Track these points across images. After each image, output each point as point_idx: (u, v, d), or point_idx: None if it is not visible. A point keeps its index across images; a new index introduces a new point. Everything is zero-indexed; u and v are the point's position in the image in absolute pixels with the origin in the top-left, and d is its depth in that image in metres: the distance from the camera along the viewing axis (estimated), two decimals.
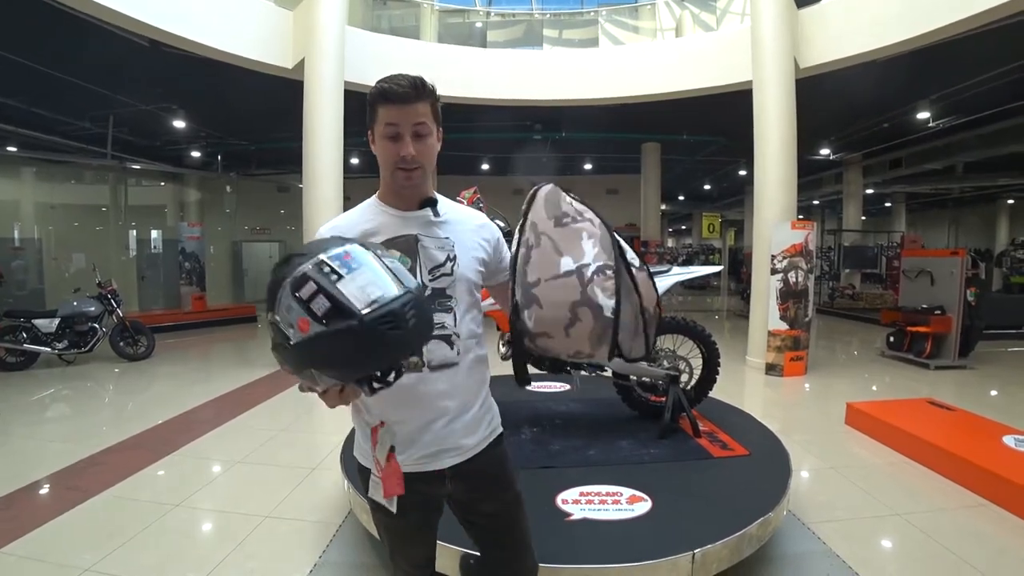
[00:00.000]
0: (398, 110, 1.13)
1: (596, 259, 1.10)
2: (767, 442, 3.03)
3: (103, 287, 6.73)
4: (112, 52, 6.50)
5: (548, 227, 1.15)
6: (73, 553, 2.42)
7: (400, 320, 0.88)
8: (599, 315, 1.08)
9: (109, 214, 11.87)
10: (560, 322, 1.10)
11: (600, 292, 1.09)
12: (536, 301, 1.12)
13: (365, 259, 0.92)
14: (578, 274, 1.10)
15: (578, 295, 1.10)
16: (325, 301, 0.85)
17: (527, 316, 1.13)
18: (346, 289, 0.86)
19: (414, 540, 1.33)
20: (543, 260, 1.13)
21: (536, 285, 1.13)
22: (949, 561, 2.39)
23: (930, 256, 7.16)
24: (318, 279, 0.87)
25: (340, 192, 6.62)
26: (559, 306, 1.11)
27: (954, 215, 22.11)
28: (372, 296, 0.87)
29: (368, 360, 0.91)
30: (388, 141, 1.15)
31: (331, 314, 0.85)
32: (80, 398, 5.32)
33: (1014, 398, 5.35)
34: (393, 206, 1.23)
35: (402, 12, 9.37)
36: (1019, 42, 6.18)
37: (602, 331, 1.09)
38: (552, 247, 1.14)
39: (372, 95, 1.15)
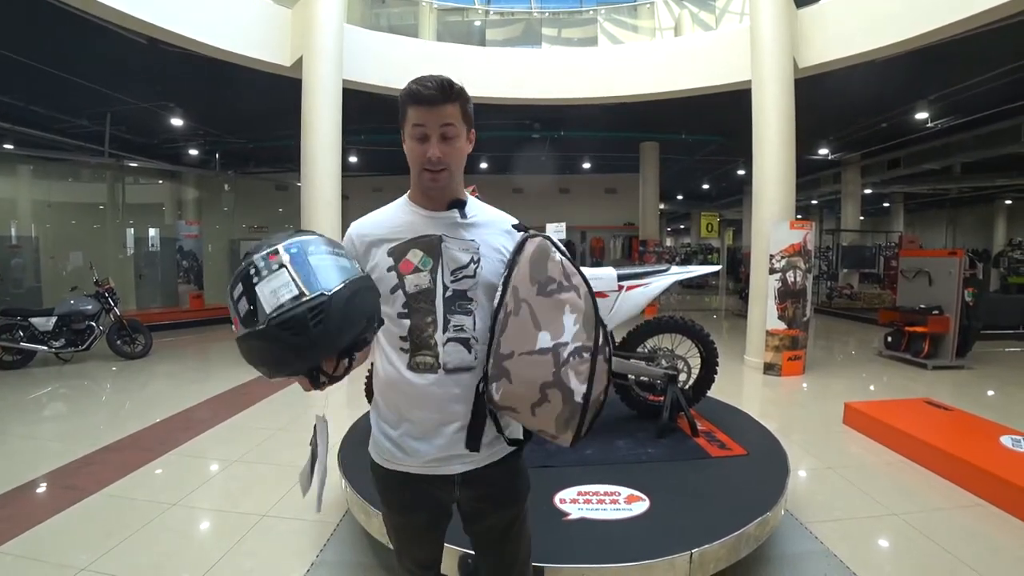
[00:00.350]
0: (426, 111, 1.13)
1: (575, 339, 1.04)
2: (765, 442, 3.03)
3: (100, 285, 6.71)
4: (110, 50, 6.48)
5: (530, 294, 1.08)
6: (69, 552, 2.41)
7: (301, 326, 0.87)
8: (569, 399, 1.02)
9: (106, 212, 11.82)
10: (528, 400, 1.05)
11: (574, 376, 1.03)
12: (506, 375, 1.06)
13: (295, 258, 0.92)
14: (554, 353, 1.04)
15: (550, 376, 1.03)
16: (246, 304, 0.89)
17: (494, 388, 1.08)
18: (261, 293, 0.89)
19: (421, 541, 1.33)
20: (520, 332, 1.07)
21: (509, 358, 1.06)
22: (945, 561, 2.40)
23: (928, 256, 7.18)
24: (244, 281, 0.90)
25: (338, 190, 6.61)
26: (529, 384, 1.04)
27: (952, 215, 22.15)
28: (281, 300, 0.88)
29: (279, 363, 0.92)
30: (416, 142, 1.16)
31: (247, 317, 0.89)
32: (77, 397, 5.30)
33: (1011, 398, 5.36)
34: (421, 206, 1.23)
35: (401, 10, 9.35)
36: (1016, 43, 6.19)
37: (570, 415, 1.03)
38: (531, 318, 1.06)
39: (402, 95, 1.16)
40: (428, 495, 1.23)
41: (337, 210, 6.59)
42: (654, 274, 3.25)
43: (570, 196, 15.83)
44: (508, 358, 1.06)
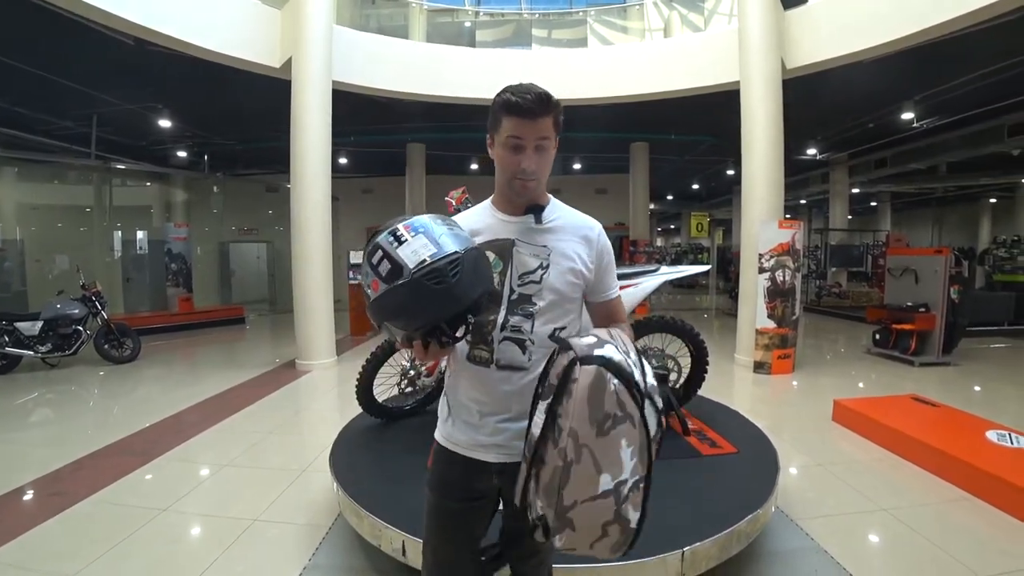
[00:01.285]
0: (524, 124, 1.16)
1: (633, 473, 0.99)
2: (755, 439, 3.06)
3: (87, 289, 6.64)
4: (96, 50, 6.40)
5: (590, 437, 0.98)
6: (57, 560, 2.39)
7: (443, 276, 1.02)
8: (625, 528, 1.01)
9: (93, 215, 11.68)
10: (589, 540, 1.03)
11: (631, 508, 1.00)
12: (570, 525, 1.02)
13: (425, 228, 1.07)
14: (615, 493, 0.99)
15: (612, 515, 1.00)
16: (387, 264, 1.03)
17: (557, 540, 1.04)
18: (403, 252, 1.03)
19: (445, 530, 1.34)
20: (582, 479, 0.99)
21: (572, 508, 1.00)
22: (933, 554, 2.43)
23: (915, 255, 7.26)
24: (384, 246, 1.05)
25: (328, 192, 6.58)
26: (592, 528, 1.01)
27: (938, 214, 22.43)
28: (422, 256, 1.02)
29: (421, 310, 1.04)
30: (509, 152, 1.20)
31: (391, 274, 1.03)
32: (64, 402, 5.24)
33: (996, 394, 5.44)
34: (501, 210, 1.30)
35: (391, 11, 9.32)
36: (999, 44, 6.28)
37: (623, 541, 1.03)
38: (592, 463, 0.98)
39: (499, 104, 1.18)
40: (466, 480, 1.29)
41: (327, 211, 6.56)
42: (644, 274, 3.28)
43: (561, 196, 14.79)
44: (571, 508, 1.01)
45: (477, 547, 1.37)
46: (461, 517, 1.33)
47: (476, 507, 1.32)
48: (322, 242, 6.44)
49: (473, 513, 1.33)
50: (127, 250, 10.96)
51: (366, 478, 2.51)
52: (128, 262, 10.91)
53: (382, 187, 14.51)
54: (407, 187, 12.39)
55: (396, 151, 12.07)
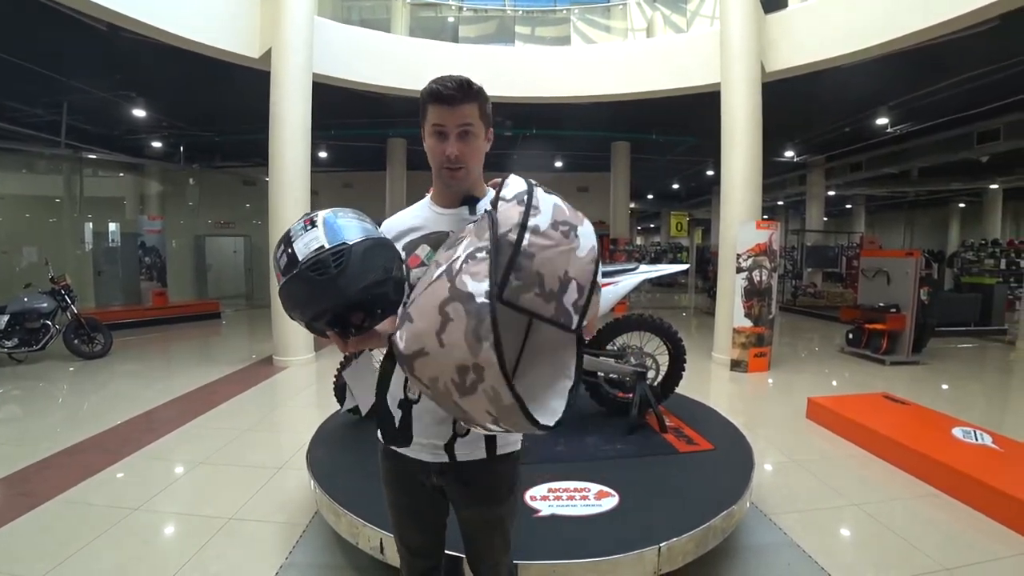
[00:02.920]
0: (445, 111, 1.17)
1: (467, 248, 0.92)
2: (731, 437, 3.10)
3: (56, 282, 6.45)
4: (67, 36, 6.21)
5: (441, 256, 1.00)
6: (24, 561, 2.32)
7: (326, 267, 1.03)
8: (470, 304, 0.86)
9: (63, 206, 11.33)
10: (432, 329, 0.89)
11: (469, 279, 0.88)
12: (408, 317, 0.94)
13: (326, 221, 1.09)
14: (447, 272, 0.91)
15: (447, 291, 0.89)
16: (285, 257, 1.06)
17: (399, 337, 0.94)
18: (296, 247, 1.06)
19: (406, 522, 1.38)
20: (421, 278, 0.99)
21: (412, 302, 0.96)
22: (903, 548, 2.50)
23: (887, 256, 7.44)
24: (284, 241, 1.08)
25: (307, 186, 6.49)
26: (429, 311, 0.90)
27: (909, 217, 23.02)
28: (311, 248, 1.05)
29: (309, 302, 1.07)
30: (435, 140, 1.20)
31: (287, 267, 1.06)
32: (31, 398, 5.08)
33: (963, 392, 5.62)
34: (437, 203, 1.31)
35: (373, 4, 9.23)
36: (972, 54, 6.46)
37: (477, 324, 0.84)
38: (433, 265, 0.99)
39: (423, 94, 1.19)
40: (411, 477, 1.30)
41: (306, 206, 6.46)
42: (624, 272, 3.30)
43: None
44: (412, 303, 0.96)
45: (443, 528, 1.41)
46: (417, 508, 1.35)
47: (427, 499, 1.33)
48: None
49: (428, 504, 1.34)
50: (98, 242, 10.68)
51: (343, 476, 2.49)
52: (99, 255, 10.63)
53: (362, 182, 14.37)
54: (387, 182, 12.29)
55: (377, 146, 11.97)
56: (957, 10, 5.14)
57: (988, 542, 2.56)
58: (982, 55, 6.55)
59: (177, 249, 12.65)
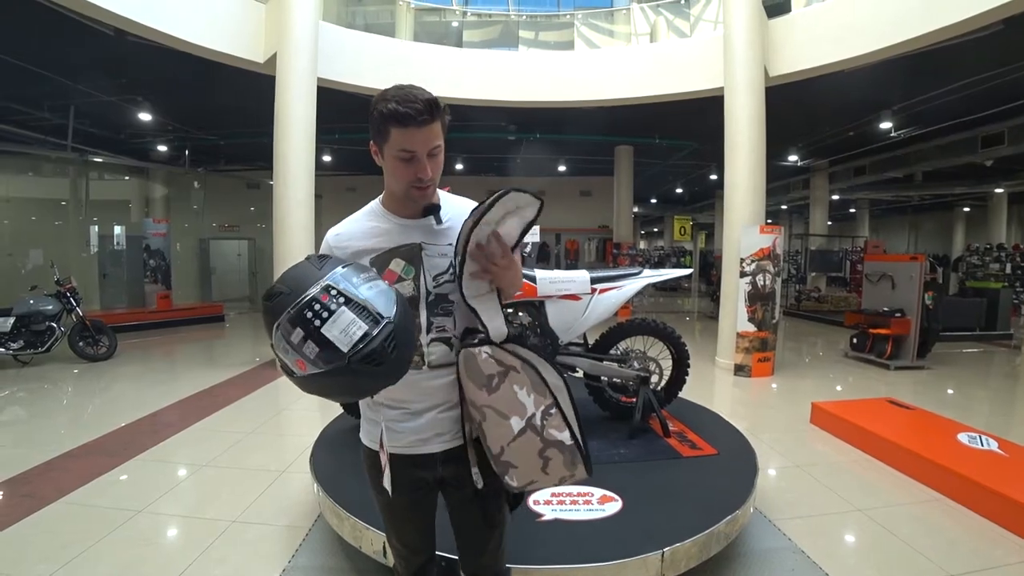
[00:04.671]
0: (414, 134, 1.11)
1: (536, 405, 1.16)
2: (735, 441, 3.09)
3: (62, 285, 6.49)
4: (75, 40, 6.26)
5: (483, 398, 1.18)
6: (26, 564, 2.33)
7: (383, 356, 0.96)
8: (562, 447, 1.16)
9: (69, 208, 11.39)
10: (537, 468, 1.19)
11: (555, 431, 1.15)
12: (510, 465, 1.20)
13: (345, 295, 0.98)
14: (530, 427, 1.16)
15: (539, 442, 1.16)
16: (313, 346, 0.94)
17: (510, 478, 1.22)
18: (330, 334, 0.94)
19: (406, 520, 1.38)
20: (496, 431, 1.19)
21: (502, 453, 1.20)
22: (907, 553, 2.48)
23: (891, 261, 7.41)
24: (303, 325, 0.94)
25: (311, 189, 6.51)
26: (530, 458, 1.18)
27: (913, 221, 22.95)
28: (355, 337, 0.94)
29: (362, 391, 1.03)
30: (402, 164, 1.15)
31: (320, 358, 0.94)
32: (36, 401, 5.10)
33: (968, 397, 5.58)
34: (396, 213, 1.27)
35: (377, 9, 9.27)
36: (976, 58, 6.46)
37: (572, 457, 1.16)
38: (496, 415, 1.18)
39: (384, 115, 1.11)
40: (411, 475, 1.29)
41: (310, 209, 6.49)
42: (627, 277, 3.30)
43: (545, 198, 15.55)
44: (501, 455, 1.20)
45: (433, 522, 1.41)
46: (414, 506, 1.35)
47: (425, 494, 1.34)
48: (305, 240, 6.37)
49: (424, 500, 1.35)
50: (104, 245, 10.72)
51: (347, 479, 2.49)
52: (105, 258, 10.67)
53: (366, 186, 14.41)
54: None
55: None
56: (961, 14, 5.14)
57: (993, 548, 2.54)
58: (986, 59, 6.55)
59: (181, 252, 12.69)
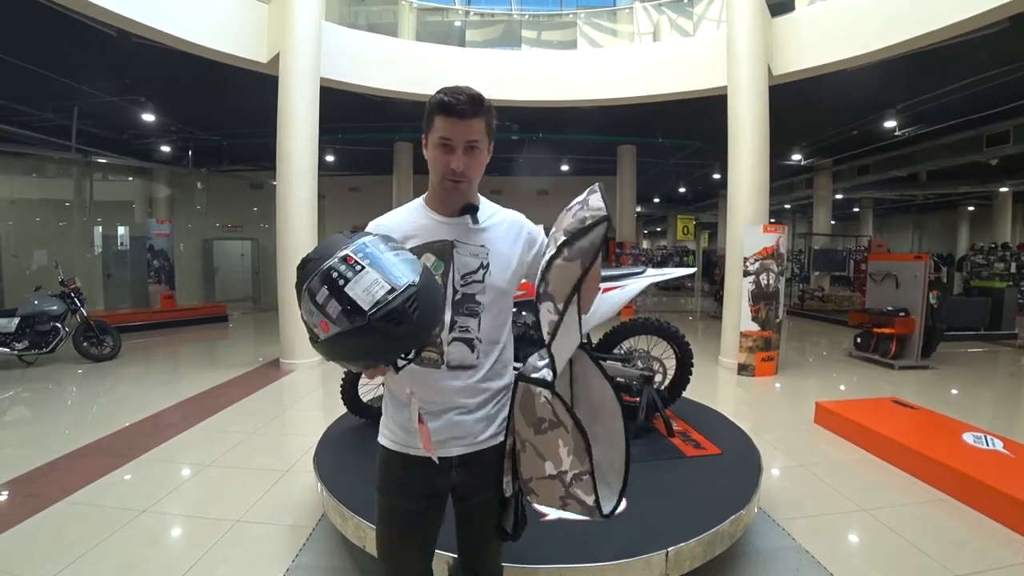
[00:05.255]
0: (454, 124, 1.16)
1: (572, 467, 1.19)
2: (739, 441, 3.09)
3: (66, 285, 6.51)
4: (78, 41, 6.29)
5: (529, 435, 1.21)
6: (32, 564, 2.34)
7: (404, 315, 0.96)
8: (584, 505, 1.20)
9: (73, 209, 11.45)
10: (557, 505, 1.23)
11: (582, 493, 1.19)
12: (533, 492, 1.26)
13: (372, 257, 1.00)
14: (560, 479, 1.20)
15: (564, 492, 1.21)
16: (336, 305, 0.95)
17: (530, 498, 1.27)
18: (353, 292, 0.95)
19: (407, 536, 1.35)
20: (530, 462, 1.23)
21: (529, 481, 1.25)
22: (911, 553, 2.47)
23: (895, 260, 7.38)
24: (329, 284, 0.96)
25: (315, 190, 6.53)
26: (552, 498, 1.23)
27: (918, 220, 22.87)
28: (376, 296, 0.95)
29: (382, 353, 1.01)
30: (440, 152, 1.19)
31: (343, 316, 0.95)
32: (41, 401, 5.12)
33: (973, 397, 5.56)
34: (435, 210, 1.28)
35: (380, 8, 9.27)
36: (980, 57, 6.43)
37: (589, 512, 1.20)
38: (535, 452, 1.22)
39: (432, 104, 1.17)
40: (424, 479, 1.27)
41: (313, 209, 6.50)
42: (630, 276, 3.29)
43: (548, 198, 15.88)
44: (529, 481, 1.25)
45: (433, 548, 1.41)
46: (420, 517, 1.33)
47: (434, 504, 1.33)
48: (308, 240, 6.37)
49: (431, 511, 1.34)
50: (108, 246, 10.78)
51: (351, 479, 2.49)
52: (109, 258, 10.74)
53: (369, 186, 14.44)
54: (394, 186, 12.34)
55: (384, 150, 12.02)
56: (966, 12, 5.11)
57: (998, 548, 2.53)
58: (991, 57, 6.52)
59: (185, 252, 12.75)
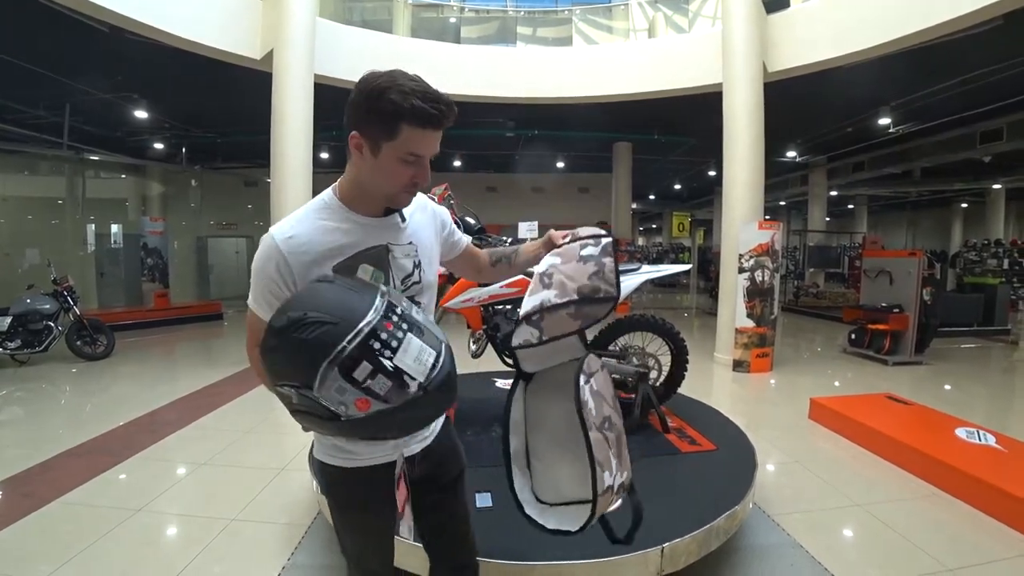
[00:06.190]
0: (430, 137, 1.03)
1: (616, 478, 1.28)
2: (734, 437, 3.09)
3: (59, 284, 6.46)
4: (69, 37, 6.23)
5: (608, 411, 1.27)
6: (27, 563, 2.33)
7: (454, 379, 0.92)
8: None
9: (66, 207, 11.37)
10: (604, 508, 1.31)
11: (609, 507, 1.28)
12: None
13: (408, 320, 0.90)
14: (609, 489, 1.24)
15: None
16: (386, 380, 0.84)
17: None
18: (404, 364, 0.85)
19: (382, 538, 1.31)
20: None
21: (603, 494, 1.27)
22: (906, 548, 2.49)
23: (889, 257, 7.41)
24: (371, 358, 0.84)
25: (309, 187, 6.50)
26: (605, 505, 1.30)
27: (912, 217, 22.98)
28: (428, 363, 0.88)
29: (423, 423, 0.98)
30: (403, 165, 1.05)
31: (394, 392, 0.84)
32: (34, 400, 5.09)
33: (966, 392, 5.60)
34: (356, 210, 1.12)
35: (375, 5, 9.24)
36: (973, 54, 6.45)
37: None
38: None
39: (400, 110, 0.99)
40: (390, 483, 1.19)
41: None
42: (626, 273, 3.29)
43: (544, 195, 15.89)
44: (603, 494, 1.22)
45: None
46: (391, 528, 1.28)
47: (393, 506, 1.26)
48: None
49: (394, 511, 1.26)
50: (101, 244, 10.69)
51: None
52: (102, 256, 10.64)
53: None
54: None
55: None
56: (960, 10, 5.13)
57: (991, 542, 2.55)
58: (985, 55, 6.54)
59: (179, 250, 12.68)
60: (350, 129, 1.05)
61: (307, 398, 0.84)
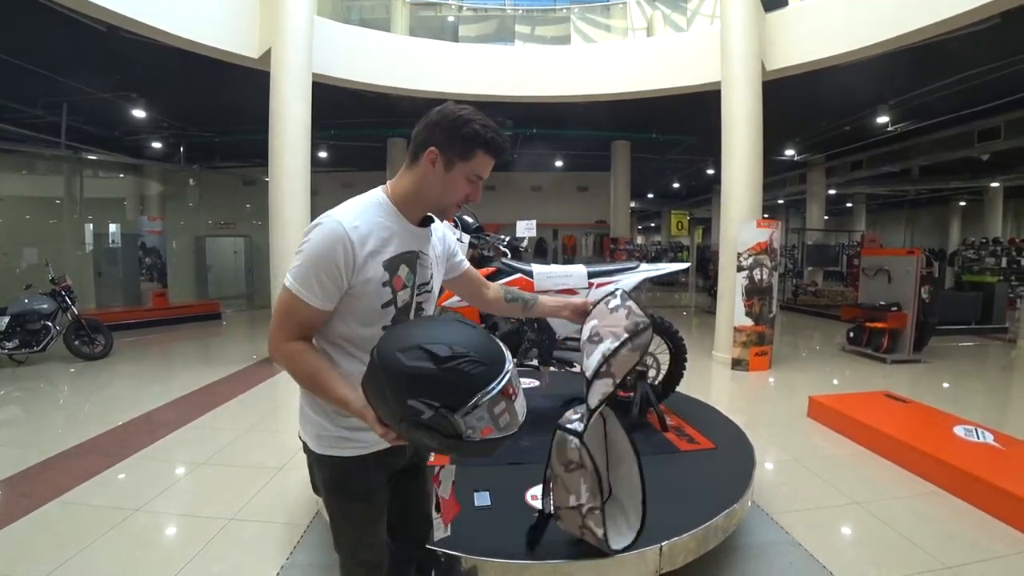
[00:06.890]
0: (490, 164, 1.21)
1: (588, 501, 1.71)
2: (732, 435, 3.10)
3: (57, 283, 6.44)
4: (67, 36, 6.21)
5: (560, 471, 1.71)
6: (24, 563, 2.32)
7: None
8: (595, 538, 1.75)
9: (63, 207, 11.32)
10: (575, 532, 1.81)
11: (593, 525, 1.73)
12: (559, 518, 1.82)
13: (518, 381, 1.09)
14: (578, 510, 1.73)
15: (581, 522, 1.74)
16: (508, 418, 1.04)
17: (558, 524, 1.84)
18: (520, 407, 1.07)
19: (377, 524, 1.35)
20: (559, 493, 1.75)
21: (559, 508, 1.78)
22: (904, 546, 2.49)
23: (888, 255, 7.42)
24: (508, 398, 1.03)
25: (307, 186, 6.49)
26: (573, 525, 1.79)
27: (910, 216, 23.01)
28: (525, 407, 1.10)
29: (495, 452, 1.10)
30: (467, 183, 1.21)
31: (509, 425, 1.05)
32: (32, 400, 5.08)
33: (964, 390, 5.61)
34: (407, 217, 1.24)
35: (373, 3, 9.23)
36: (971, 53, 6.46)
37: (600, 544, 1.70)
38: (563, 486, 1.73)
39: (480, 138, 1.16)
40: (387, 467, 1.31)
41: (306, 206, 6.47)
42: (624, 271, 3.29)
43: (542, 194, 15.89)
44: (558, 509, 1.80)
45: None
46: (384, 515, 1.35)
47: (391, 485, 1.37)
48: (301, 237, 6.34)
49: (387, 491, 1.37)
50: (99, 243, 10.67)
51: None
52: (100, 256, 10.62)
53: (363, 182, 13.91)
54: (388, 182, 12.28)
55: (377, 146, 11.97)
56: (958, 8, 5.13)
57: (989, 540, 2.55)
58: (983, 53, 6.54)
59: (177, 250, 12.64)
60: (427, 146, 1.16)
61: (444, 417, 0.98)
